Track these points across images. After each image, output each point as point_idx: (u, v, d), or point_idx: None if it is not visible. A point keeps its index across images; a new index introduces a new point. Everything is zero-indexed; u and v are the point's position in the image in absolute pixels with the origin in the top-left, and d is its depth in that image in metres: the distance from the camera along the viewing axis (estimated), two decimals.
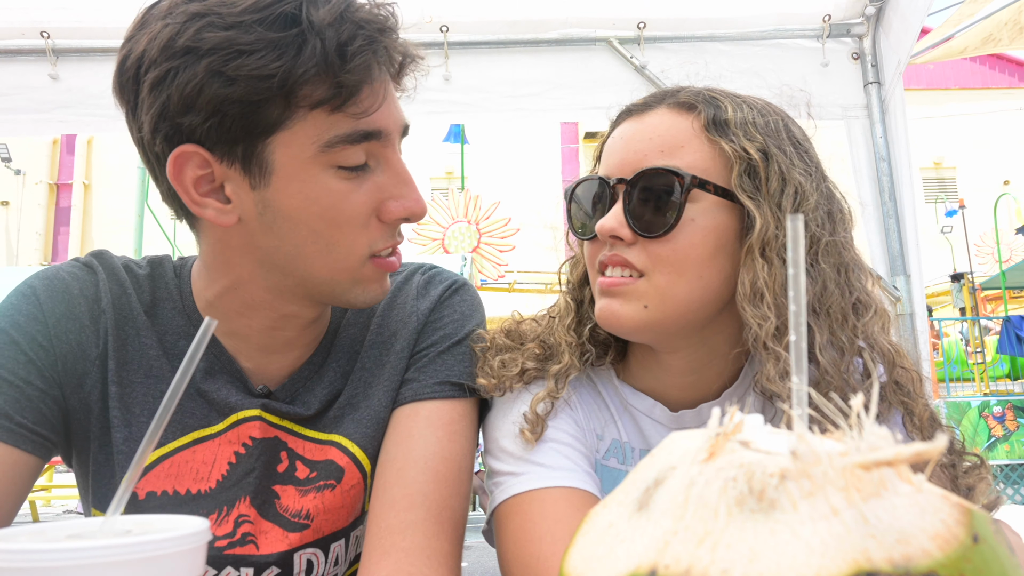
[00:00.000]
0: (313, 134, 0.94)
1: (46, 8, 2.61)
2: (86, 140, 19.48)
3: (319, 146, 0.94)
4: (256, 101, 0.90)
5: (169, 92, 0.90)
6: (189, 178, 0.96)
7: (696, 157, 1.02)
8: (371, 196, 0.99)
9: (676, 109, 1.07)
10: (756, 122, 1.05)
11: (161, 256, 1.20)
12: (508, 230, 14.32)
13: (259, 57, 0.88)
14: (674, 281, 1.02)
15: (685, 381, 1.15)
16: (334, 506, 1.13)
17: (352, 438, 1.14)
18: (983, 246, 17.29)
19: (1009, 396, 10.16)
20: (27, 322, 1.02)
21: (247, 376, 1.12)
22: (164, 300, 1.13)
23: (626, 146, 1.07)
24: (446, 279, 1.26)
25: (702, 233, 1.01)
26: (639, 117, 1.09)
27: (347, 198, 0.97)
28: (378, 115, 0.97)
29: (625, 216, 1.03)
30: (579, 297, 1.20)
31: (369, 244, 1.01)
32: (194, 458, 1.08)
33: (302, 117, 0.93)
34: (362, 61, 0.91)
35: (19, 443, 0.97)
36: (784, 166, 1.02)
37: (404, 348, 1.18)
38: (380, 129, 0.97)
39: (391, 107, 1.00)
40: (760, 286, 0.98)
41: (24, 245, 19.40)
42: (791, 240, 0.43)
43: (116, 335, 1.08)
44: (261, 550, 1.09)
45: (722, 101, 1.06)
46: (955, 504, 0.34)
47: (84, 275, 1.10)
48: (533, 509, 1.03)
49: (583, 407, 1.18)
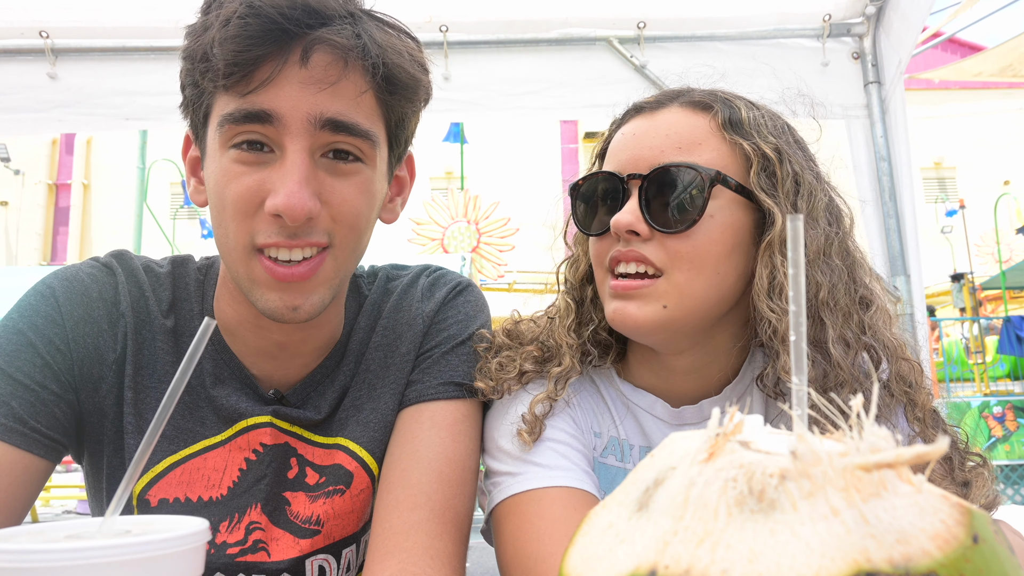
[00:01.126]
0: (218, 113, 0.96)
1: (45, 8, 2.61)
2: (85, 140, 19.47)
3: (217, 125, 0.96)
4: (192, 82, 0.97)
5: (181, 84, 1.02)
6: (188, 159, 1.07)
7: (714, 155, 1.03)
8: (258, 184, 0.95)
9: (691, 108, 1.07)
10: (767, 123, 1.06)
11: (185, 256, 1.19)
12: (508, 230, 14.32)
13: (191, 39, 0.95)
14: (693, 278, 1.02)
15: (687, 379, 1.15)
16: (344, 511, 1.13)
17: (359, 441, 1.14)
18: (983, 246, 17.29)
19: (1009, 396, 10.16)
20: (45, 324, 1.02)
21: (257, 381, 1.12)
22: (183, 301, 1.13)
23: (639, 142, 1.07)
24: (450, 280, 1.26)
25: (720, 230, 1.02)
26: (651, 114, 1.09)
27: (236, 180, 0.95)
28: (267, 96, 0.92)
29: (642, 211, 1.03)
30: (579, 297, 1.20)
31: (250, 232, 0.96)
32: (205, 465, 1.08)
33: (217, 97, 0.96)
34: (236, 34, 0.89)
35: (32, 447, 0.97)
36: (797, 166, 1.04)
37: (409, 350, 1.18)
38: (266, 111, 0.92)
39: (290, 91, 0.92)
40: (779, 281, 1.00)
41: (23, 245, 19.39)
42: (791, 240, 0.43)
43: (135, 339, 1.07)
44: (273, 557, 1.09)
45: (735, 102, 1.08)
46: (955, 504, 0.34)
47: (103, 276, 1.09)
48: (531, 509, 1.03)
49: (582, 406, 1.18)
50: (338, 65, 0.94)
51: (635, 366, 1.21)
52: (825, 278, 1.02)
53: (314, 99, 0.93)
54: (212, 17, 0.92)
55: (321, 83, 0.93)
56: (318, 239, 0.97)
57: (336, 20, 0.93)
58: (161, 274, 1.13)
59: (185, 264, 1.16)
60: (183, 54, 0.97)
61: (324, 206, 0.96)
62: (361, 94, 0.97)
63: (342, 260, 1.01)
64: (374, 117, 0.99)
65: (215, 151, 0.97)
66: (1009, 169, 20.51)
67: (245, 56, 0.90)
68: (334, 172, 0.97)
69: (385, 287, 1.25)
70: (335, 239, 0.99)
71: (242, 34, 0.89)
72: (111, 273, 1.10)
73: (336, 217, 0.98)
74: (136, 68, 2.66)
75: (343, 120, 0.95)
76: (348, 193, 0.98)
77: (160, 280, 1.13)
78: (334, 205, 0.97)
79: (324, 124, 0.94)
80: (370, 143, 0.99)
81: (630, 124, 1.11)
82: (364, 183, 1.00)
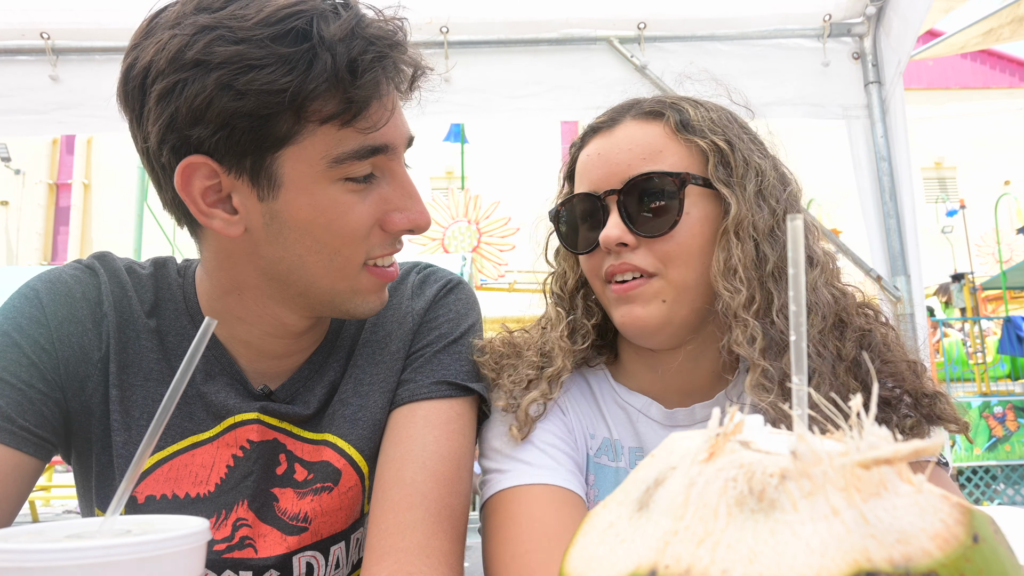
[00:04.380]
0: (322, 149, 0.94)
1: (46, 9, 2.61)
2: (86, 140, 19.48)
3: (328, 161, 0.94)
4: (266, 115, 0.89)
5: (177, 104, 0.89)
6: (197, 188, 0.95)
7: (676, 158, 1.10)
8: (376, 207, 1.00)
9: (643, 119, 1.14)
10: (712, 118, 1.13)
11: (165, 257, 1.20)
12: (508, 230, 14.31)
13: (270, 72, 0.87)
14: (685, 272, 1.09)
15: (679, 380, 1.18)
16: (332, 508, 1.13)
17: (347, 438, 1.14)
18: (983, 246, 17.27)
19: (1010, 396, 10.15)
20: (29, 324, 1.02)
21: (247, 377, 1.12)
22: (167, 301, 1.13)
23: (605, 160, 1.13)
24: (441, 278, 1.26)
25: (699, 224, 1.09)
26: (609, 132, 1.15)
27: (352, 209, 0.98)
28: (386, 129, 0.97)
29: (625, 223, 1.09)
30: (569, 307, 1.25)
31: (366, 251, 1.02)
32: (193, 461, 1.08)
33: (311, 132, 0.92)
34: (372, 77, 0.92)
35: (21, 446, 0.97)
36: (745, 152, 1.11)
37: (400, 349, 1.18)
38: (387, 143, 0.98)
39: (398, 121, 1.01)
40: (734, 263, 1.06)
41: (24, 245, 19.40)
42: (791, 240, 0.43)
43: (118, 338, 1.08)
44: (260, 553, 1.09)
45: (682, 104, 1.15)
46: (955, 504, 0.34)
47: (86, 277, 1.10)
48: (513, 506, 1.05)
49: (574, 408, 1.21)
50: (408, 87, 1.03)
51: (628, 366, 1.24)
52: (773, 252, 1.08)
53: (406, 124, 1.04)
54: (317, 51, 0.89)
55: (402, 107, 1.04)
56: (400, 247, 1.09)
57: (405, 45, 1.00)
58: (143, 275, 1.14)
59: (166, 265, 1.17)
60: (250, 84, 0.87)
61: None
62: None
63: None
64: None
65: (310, 184, 0.96)
66: (1009, 169, 20.50)
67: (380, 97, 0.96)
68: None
69: None
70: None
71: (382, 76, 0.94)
72: (93, 274, 1.11)
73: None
74: None
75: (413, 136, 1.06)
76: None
77: (142, 281, 1.13)
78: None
79: (409, 143, 1.05)
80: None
81: (591, 145, 1.17)
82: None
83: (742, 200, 1.08)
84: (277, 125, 0.91)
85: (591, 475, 1.19)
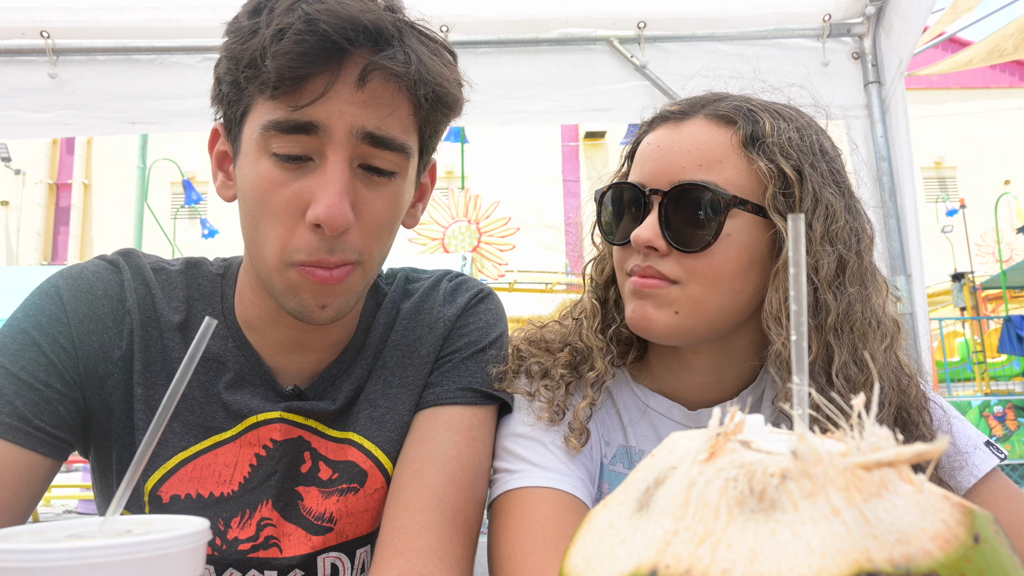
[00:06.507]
0: (260, 117, 0.96)
1: (46, 8, 2.61)
2: (86, 140, 19.46)
3: (259, 129, 0.96)
4: (232, 81, 0.97)
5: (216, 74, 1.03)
6: (216, 153, 1.08)
7: (733, 173, 1.03)
8: (298, 194, 0.95)
9: (715, 121, 1.06)
10: (792, 139, 1.04)
11: (200, 258, 1.21)
12: (508, 229, 14.31)
13: (233, 40, 0.96)
14: (708, 293, 1.03)
15: (706, 381, 1.16)
16: (357, 510, 1.13)
17: (373, 439, 1.14)
18: (984, 246, 17.28)
19: (1010, 396, 10.15)
20: (49, 323, 1.02)
21: (275, 376, 1.13)
22: (198, 299, 1.13)
23: (662, 155, 1.07)
24: (472, 287, 1.28)
25: (737, 249, 1.02)
26: (676, 125, 1.09)
27: (276, 187, 0.96)
28: (315, 109, 0.93)
29: (661, 228, 1.03)
30: (604, 297, 1.21)
31: (288, 249, 0.96)
32: (216, 461, 1.08)
33: (261, 102, 0.96)
34: (289, 49, 0.90)
35: (36, 447, 0.97)
36: (816, 185, 1.03)
37: (429, 353, 1.19)
38: (312, 122, 0.93)
39: (341, 105, 0.94)
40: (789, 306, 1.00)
41: (24, 245, 19.39)
42: (792, 240, 0.43)
43: (142, 335, 1.08)
44: (284, 553, 1.09)
45: (760, 115, 1.06)
46: (956, 504, 0.34)
47: (109, 274, 1.10)
48: (518, 508, 1.04)
49: (594, 415, 1.18)
50: (391, 90, 0.97)
51: (655, 366, 1.21)
52: (837, 303, 1.01)
53: (358, 113, 0.95)
54: (263, 22, 0.92)
55: (375, 107, 0.96)
56: (349, 257, 0.99)
57: (391, 42, 0.95)
58: (172, 272, 1.14)
59: (199, 265, 1.18)
60: (225, 52, 0.97)
61: (357, 220, 0.98)
62: (408, 115, 1.00)
63: (369, 270, 1.04)
64: (410, 129, 1.02)
65: (252, 152, 0.98)
66: (1009, 169, 20.50)
67: (299, 72, 0.91)
68: (369, 183, 0.99)
69: (404, 288, 1.27)
70: (364, 256, 1.01)
71: (296, 50, 0.90)
72: (117, 270, 1.11)
73: (366, 232, 1.00)
74: (140, 71, 2.65)
75: (382, 135, 0.97)
76: (380, 206, 1.00)
77: (171, 278, 1.13)
78: (365, 219, 0.99)
79: (364, 136, 0.96)
80: (405, 155, 1.01)
81: (656, 133, 1.11)
82: (395, 194, 1.03)
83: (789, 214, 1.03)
84: (242, 91, 0.97)
85: (605, 483, 1.17)
